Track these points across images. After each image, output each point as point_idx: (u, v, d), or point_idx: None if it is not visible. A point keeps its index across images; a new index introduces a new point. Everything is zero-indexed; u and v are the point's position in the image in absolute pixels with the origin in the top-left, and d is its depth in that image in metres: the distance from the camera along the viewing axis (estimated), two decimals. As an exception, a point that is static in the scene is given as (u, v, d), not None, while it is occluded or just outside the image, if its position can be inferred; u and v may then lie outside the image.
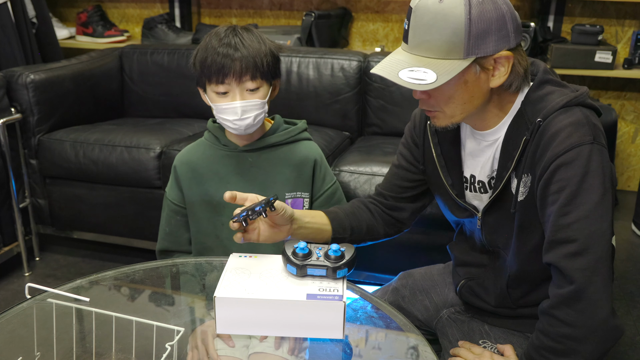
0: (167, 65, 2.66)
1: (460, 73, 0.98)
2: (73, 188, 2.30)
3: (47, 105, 2.31)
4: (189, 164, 1.44)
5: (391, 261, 1.92)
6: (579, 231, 0.95)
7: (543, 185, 0.98)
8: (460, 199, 1.19)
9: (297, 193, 1.42)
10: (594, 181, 0.95)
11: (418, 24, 0.99)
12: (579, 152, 0.95)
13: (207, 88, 1.34)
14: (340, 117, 2.47)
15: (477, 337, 1.19)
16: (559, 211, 0.97)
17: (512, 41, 1.00)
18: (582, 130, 0.96)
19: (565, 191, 0.95)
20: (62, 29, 3.38)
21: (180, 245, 1.48)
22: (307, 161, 1.43)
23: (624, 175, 3.14)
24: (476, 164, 1.16)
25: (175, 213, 1.46)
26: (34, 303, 1.11)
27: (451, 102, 1.03)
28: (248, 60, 1.27)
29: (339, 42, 3.10)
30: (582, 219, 0.95)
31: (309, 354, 1.09)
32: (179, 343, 0.90)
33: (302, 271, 1.03)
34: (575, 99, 1.00)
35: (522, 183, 1.04)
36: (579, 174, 0.95)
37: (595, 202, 0.95)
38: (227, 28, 1.33)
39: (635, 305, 2.08)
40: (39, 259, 2.43)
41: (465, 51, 0.97)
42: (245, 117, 1.31)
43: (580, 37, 2.73)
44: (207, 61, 1.29)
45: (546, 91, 1.04)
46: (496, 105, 1.08)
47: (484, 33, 0.96)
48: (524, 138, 1.02)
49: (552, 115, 0.99)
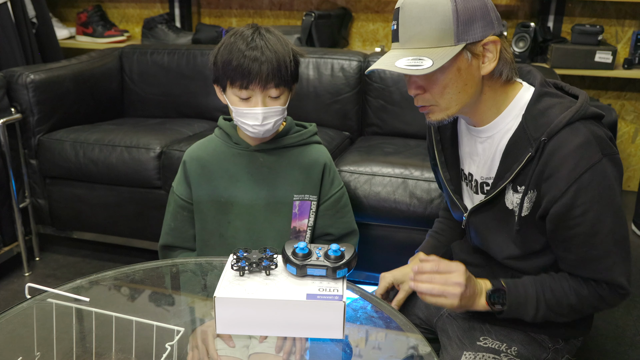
0: (167, 65, 2.66)
1: (454, 60, 1.01)
2: (73, 188, 2.30)
3: (47, 105, 2.31)
4: (199, 160, 1.44)
5: (391, 261, 1.92)
6: (610, 245, 1.03)
7: (564, 209, 1.02)
8: (456, 195, 1.23)
9: (304, 196, 1.42)
10: (612, 196, 1.02)
11: (407, 19, 1.03)
12: (593, 173, 1.00)
13: (228, 90, 1.32)
14: (340, 117, 2.47)
15: (478, 334, 1.19)
16: (589, 231, 1.03)
17: (496, 28, 1.04)
18: (592, 150, 1.00)
19: (589, 215, 1.01)
20: (62, 29, 3.38)
21: (184, 242, 1.48)
22: (316, 164, 1.43)
23: (624, 175, 3.13)
24: (472, 161, 1.19)
25: (182, 208, 1.46)
26: (34, 303, 1.11)
27: (446, 93, 1.05)
28: (274, 67, 1.27)
29: (339, 42, 3.10)
30: (609, 234, 1.03)
31: (309, 354, 1.09)
32: (179, 343, 0.90)
33: (302, 271, 1.03)
34: (577, 114, 1.02)
35: (527, 199, 1.07)
36: (598, 194, 1.01)
37: (615, 214, 1.02)
38: (253, 30, 1.31)
39: (636, 305, 2.08)
40: (39, 259, 2.43)
41: (455, 37, 1.01)
42: (266, 123, 1.31)
43: (580, 37, 2.73)
44: (232, 63, 1.27)
45: (546, 105, 1.06)
46: (490, 97, 1.09)
47: (471, 20, 1.01)
48: (528, 155, 1.04)
49: (558, 135, 1.02)
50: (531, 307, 1.09)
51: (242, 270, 1.05)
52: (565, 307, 1.08)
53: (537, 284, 1.10)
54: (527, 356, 1.16)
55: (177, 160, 2.11)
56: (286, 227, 1.42)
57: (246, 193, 1.41)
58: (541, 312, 1.09)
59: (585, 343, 1.86)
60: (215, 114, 2.61)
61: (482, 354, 1.14)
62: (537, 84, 1.09)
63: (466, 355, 1.15)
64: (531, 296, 1.09)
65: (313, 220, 1.44)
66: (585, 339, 1.86)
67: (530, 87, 1.11)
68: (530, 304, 1.09)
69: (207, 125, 2.53)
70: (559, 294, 1.08)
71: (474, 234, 1.23)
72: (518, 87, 1.11)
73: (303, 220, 1.43)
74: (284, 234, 1.42)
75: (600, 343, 1.87)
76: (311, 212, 1.43)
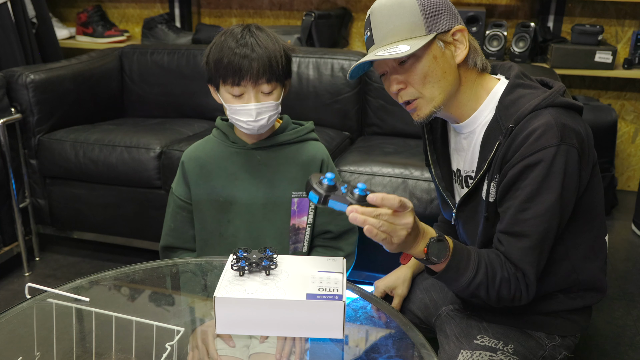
0: (167, 65, 2.66)
1: (428, 48, 1.07)
2: (73, 188, 2.30)
3: (47, 105, 2.31)
4: (197, 160, 1.44)
5: (391, 261, 1.92)
6: (534, 227, 1.03)
7: (510, 182, 1.04)
8: (446, 192, 1.25)
9: (303, 193, 1.42)
10: (554, 182, 1.01)
11: (378, 20, 1.10)
12: (544, 155, 1.00)
13: (221, 88, 1.33)
14: (340, 117, 2.47)
15: (475, 332, 1.19)
16: (519, 206, 1.03)
17: (460, 20, 1.11)
18: (550, 133, 1.01)
19: (527, 189, 1.02)
20: (62, 29, 3.38)
21: (184, 242, 1.48)
22: (314, 161, 1.43)
23: (624, 175, 3.14)
24: (460, 157, 1.22)
25: (181, 209, 1.46)
26: (34, 303, 1.11)
27: (427, 82, 1.09)
28: (264, 63, 1.28)
29: (339, 42, 3.10)
30: (538, 217, 1.02)
31: (309, 355, 1.09)
32: (179, 343, 0.90)
33: (323, 201, 0.97)
34: (544, 101, 1.04)
35: (493, 184, 1.09)
36: (542, 175, 1.01)
37: (552, 202, 1.02)
38: (243, 28, 1.33)
39: (636, 305, 2.08)
40: (39, 259, 2.43)
41: (426, 28, 1.07)
42: (260, 119, 1.31)
43: (580, 37, 2.73)
44: (223, 62, 1.29)
45: (517, 95, 1.09)
46: (468, 88, 1.13)
47: (436, 12, 1.08)
48: (497, 142, 1.07)
49: (523, 120, 1.04)
50: (471, 270, 1.05)
51: (242, 270, 1.05)
52: (498, 275, 1.05)
53: (481, 252, 1.07)
54: (524, 354, 1.16)
55: (177, 160, 2.11)
56: (285, 225, 1.42)
57: (245, 191, 1.41)
58: (477, 279, 1.05)
59: (585, 343, 1.86)
60: (215, 114, 2.59)
61: (479, 352, 1.14)
62: (512, 76, 1.13)
63: (463, 353, 1.15)
64: (473, 261, 1.05)
65: (312, 218, 1.44)
66: (584, 338, 1.87)
67: (507, 81, 1.13)
68: (470, 267, 1.05)
69: (207, 125, 2.53)
70: (495, 262, 1.05)
71: (461, 230, 1.24)
72: (495, 81, 1.15)
73: (302, 218, 1.43)
74: (283, 231, 1.42)
75: (600, 343, 1.87)
76: (310, 209, 1.43)
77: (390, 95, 1.17)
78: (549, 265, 1.12)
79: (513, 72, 1.14)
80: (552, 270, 1.13)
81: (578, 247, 1.13)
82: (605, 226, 1.19)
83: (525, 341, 1.17)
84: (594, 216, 1.14)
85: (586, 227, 1.13)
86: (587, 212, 1.11)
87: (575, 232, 1.12)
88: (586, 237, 1.14)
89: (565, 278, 1.14)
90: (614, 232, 2.66)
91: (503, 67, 1.19)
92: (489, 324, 1.21)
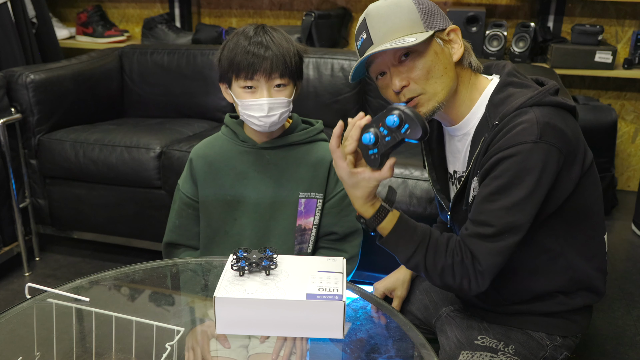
0: (167, 65, 2.66)
1: (430, 44, 1.08)
2: (73, 188, 2.30)
3: (47, 105, 2.31)
4: (206, 158, 1.44)
5: (391, 261, 1.92)
6: (498, 219, 1.02)
7: (484, 173, 1.05)
8: (442, 194, 1.26)
9: (311, 193, 1.42)
10: (528, 178, 1.00)
11: (376, 21, 1.10)
12: (519, 149, 1.00)
13: (234, 84, 1.34)
14: (341, 117, 2.45)
15: (476, 333, 1.19)
16: (487, 196, 1.04)
17: (450, 22, 1.13)
18: (529, 130, 1.01)
19: (498, 181, 1.02)
20: (62, 29, 3.38)
21: (188, 239, 1.48)
22: (323, 162, 1.43)
23: (624, 175, 3.14)
24: (455, 160, 1.22)
25: (187, 206, 1.46)
26: (34, 303, 1.11)
27: (431, 77, 1.09)
28: (278, 59, 1.29)
29: (339, 42, 3.10)
30: (504, 209, 1.02)
31: (309, 355, 1.09)
32: (178, 343, 0.90)
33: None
34: (531, 99, 1.04)
35: (474, 180, 1.10)
36: (514, 169, 1.01)
37: (521, 198, 1.01)
38: (256, 27, 1.34)
39: (636, 305, 2.08)
40: (39, 259, 2.43)
41: (424, 25, 1.09)
42: (272, 115, 1.31)
43: (580, 37, 2.73)
44: (236, 57, 1.30)
45: (507, 93, 1.09)
46: (464, 88, 1.14)
47: (431, 12, 1.11)
48: (482, 139, 1.08)
49: (508, 118, 1.04)
50: (409, 249, 1.06)
51: (241, 270, 1.05)
52: (441, 260, 1.06)
53: (432, 236, 1.08)
54: (524, 354, 1.16)
55: (177, 160, 2.11)
56: (292, 225, 1.42)
57: (253, 190, 1.41)
58: (415, 259, 1.06)
59: (585, 343, 1.86)
60: (216, 114, 2.61)
61: (480, 353, 1.14)
62: (503, 74, 1.13)
63: (464, 354, 1.15)
64: (415, 240, 1.06)
65: (319, 219, 1.44)
66: (584, 338, 1.87)
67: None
68: (410, 246, 1.06)
69: (207, 125, 2.53)
70: (441, 247, 1.06)
71: (457, 232, 1.24)
72: (488, 81, 1.16)
73: (309, 218, 1.43)
74: (289, 231, 1.42)
75: (600, 343, 1.87)
76: (317, 210, 1.43)
77: (387, 97, 1.16)
78: (544, 262, 1.12)
79: (505, 71, 1.14)
80: (548, 268, 1.13)
81: (573, 246, 1.13)
82: (603, 226, 1.19)
83: (526, 342, 1.17)
84: (589, 216, 1.13)
85: (580, 227, 1.13)
86: (579, 212, 1.10)
87: (568, 231, 1.12)
88: (581, 236, 1.13)
89: (561, 275, 1.14)
90: (614, 232, 2.66)
91: (498, 66, 1.19)
92: (489, 324, 1.21)
